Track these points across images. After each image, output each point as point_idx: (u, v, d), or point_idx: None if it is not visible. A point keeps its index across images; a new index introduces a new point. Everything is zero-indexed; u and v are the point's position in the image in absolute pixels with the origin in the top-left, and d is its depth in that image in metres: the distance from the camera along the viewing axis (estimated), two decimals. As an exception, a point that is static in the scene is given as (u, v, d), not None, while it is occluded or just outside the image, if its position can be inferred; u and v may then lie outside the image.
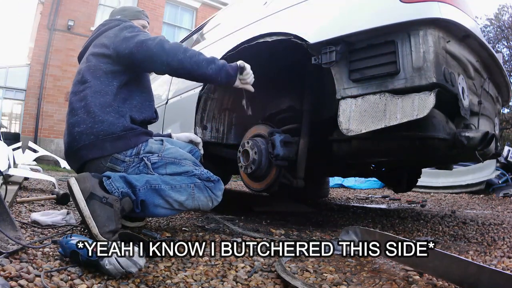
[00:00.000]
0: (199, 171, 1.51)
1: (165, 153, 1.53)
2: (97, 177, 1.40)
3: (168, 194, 1.42)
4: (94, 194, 1.31)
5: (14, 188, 2.68)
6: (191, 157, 1.59)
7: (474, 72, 1.83)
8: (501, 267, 1.33)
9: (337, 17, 1.77)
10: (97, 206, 1.29)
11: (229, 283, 1.08)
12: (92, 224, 1.26)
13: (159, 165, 1.50)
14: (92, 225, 1.25)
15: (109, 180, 1.38)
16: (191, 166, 1.52)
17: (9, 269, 0.97)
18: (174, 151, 1.56)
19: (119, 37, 1.59)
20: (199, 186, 1.48)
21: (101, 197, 1.32)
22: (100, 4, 10.64)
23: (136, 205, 1.40)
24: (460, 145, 1.58)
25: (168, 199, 1.43)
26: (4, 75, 9.79)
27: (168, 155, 1.53)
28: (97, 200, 1.31)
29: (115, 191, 1.36)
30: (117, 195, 1.36)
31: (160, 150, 1.53)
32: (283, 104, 2.43)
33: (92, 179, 1.36)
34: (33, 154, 5.12)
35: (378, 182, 6.08)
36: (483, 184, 5.63)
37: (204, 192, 1.49)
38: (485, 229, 2.26)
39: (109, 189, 1.36)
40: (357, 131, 1.60)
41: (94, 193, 1.31)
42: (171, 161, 1.51)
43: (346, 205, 3.83)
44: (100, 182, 1.37)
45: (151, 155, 1.51)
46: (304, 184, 2.10)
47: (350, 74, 1.66)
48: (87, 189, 1.31)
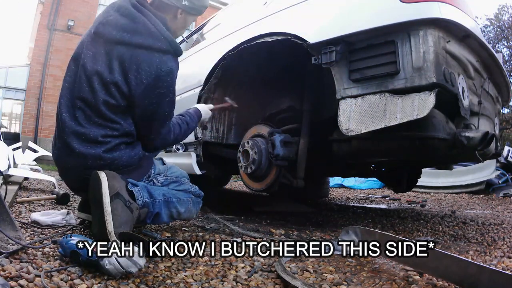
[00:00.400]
0: (193, 188, 1.67)
1: (169, 173, 1.65)
2: (124, 180, 1.40)
3: (175, 206, 1.53)
4: (120, 194, 1.31)
5: (14, 188, 2.68)
6: (186, 174, 1.73)
7: (474, 72, 1.83)
8: (501, 267, 1.33)
9: (337, 17, 1.77)
10: (120, 207, 1.29)
11: (229, 283, 1.08)
12: (110, 221, 1.23)
13: (165, 184, 1.60)
14: (109, 222, 1.23)
15: (137, 188, 1.42)
16: (188, 184, 1.67)
17: (9, 269, 0.97)
18: (175, 170, 1.69)
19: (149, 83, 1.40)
20: (193, 201, 1.64)
21: (126, 200, 1.32)
22: (100, 4, 10.65)
23: (150, 216, 1.46)
24: (460, 145, 1.58)
25: (173, 210, 1.53)
26: (4, 75, 9.80)
27: (171, 174, 1.65)
28: (122, 201, 1.30)
29: (139, 199, 1.40)
30: (140, 203, 1.40)
31: (165, 171, 1.65)
32: (283, 104, 2.43)
33: (121, 180, 1.36)
34: (33, 154, 5.12)
35: (378, 182, 6.08)
36: (483, 184, 5.63)
37: (195, 206, 1.66)
38: (485, 229, 2.26)
39: (136, 195, 1.39)
40: (357, 131, 1.60)
41: (120, 193, 1.31)
42: (174, 180, 1.63)
43: (346, 205, 3.83)
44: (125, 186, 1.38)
45: (159, 175, 1.61)
46: (304, 184, 2.10)
47: (350, 74, 1.66)
48: (115, 187, 1.30)
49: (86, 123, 1.40)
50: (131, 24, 1.41)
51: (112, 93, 1.39)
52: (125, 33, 1.40)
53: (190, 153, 2.42)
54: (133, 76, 1.39)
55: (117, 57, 1.40)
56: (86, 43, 1.47)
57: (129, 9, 1.44)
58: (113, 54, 1.40)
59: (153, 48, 1.41)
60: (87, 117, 1.41)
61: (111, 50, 1.41)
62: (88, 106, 1.41)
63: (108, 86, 1.39)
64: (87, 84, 1.41)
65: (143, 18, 1.42)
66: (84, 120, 1.41)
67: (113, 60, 1.40)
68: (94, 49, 1.44)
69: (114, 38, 1.40)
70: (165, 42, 1.43)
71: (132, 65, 1.39)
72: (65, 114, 1.42)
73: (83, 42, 1.49)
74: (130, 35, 1.40)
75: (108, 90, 1.39)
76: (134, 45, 1.40)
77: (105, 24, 1.43)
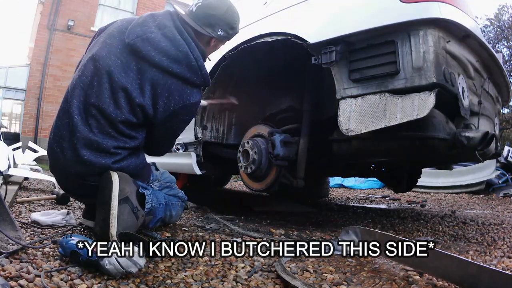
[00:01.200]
0: (180, 193, 1.72)
1: (162, 178, 1.68)
2: (136, 185, 1.40)
3: (169, 209, 1.59)
4: (129, 200, 1.30)
5: (14, 188, 2.68)
6: (175, 179, 1.78)
7: (474, 72, 1.83)
8: (501, 267, 1.33)
9: (337, 17, 1.77)
10: (127, 212, 1.28)
11: (229, 283, 1.08)
12: (114, 224, 1.22)
13: (159, 189, 1.62)
14: (113, 225, 1.22)
15: (148, 191, 1.45)
16: (176, 189, 1.72)
17: (9, 269, 0.97)
18: (167, 175, 1.73)
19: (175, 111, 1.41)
20: (181, 205, 1.71)
21: (134, 206, 1.32)
22: (100, 4, 10.64)
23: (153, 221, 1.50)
24: (460, 145, 1.58)
25: (167, 213, 1.58)
26: (4, 75, 9.79)
27: (164, 180, 1.69)
28: (129, 206, 1.30)
29: (149, 203, 1.43)
30: (149, 207, 1.43)
31: (159, 176, 1.68)
32: (283, 104, 2.43)
33: (133, 185, 1.36)
34: (33, 154, 5.11)
35: (378, 182, 6.08)
36: (483, 184, 5.63)
37: (181, 209, 1.73)
38: (485, 229, 2.26)
39: (147, 199, 1.42)
40: (357, 131, 1.61)
41: (130, 198, 1.30)
42: (166, 185, 1.66)
43: (346, 205, 3.83)
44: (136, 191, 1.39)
45: (155, 181, 1.63)
46: (304, 184, 2.10)
47: (350, 74, 1.66)
48: (125, 191, 1.29)
49: (98, 132, 1.36)
50: (174, 50, 1.38)
51: (137, 114, 1.38)
52: (165, 58, 1.37)
53: (190, 153, 2.42)
54: (162, 103, 1.39)
55: (150, 80, 1.37)
56: (115, 50, 1.39)
57: (173, 32, 1.40)
58: (147, 76, 1.37)
59: (188, 81, 1.42)
60: (101, 126, 1.36)
61: (145, 71, 1.37)
62: (104, 118, 1.36)
63: (135, 107, 1.37)
64: (111, 97, 1.35)
65: (187, 48, 1.40)
66: (97, 128, 1.36)
67: (145, 82, 1.37)
68: (124, 60, 1.38)
69: (152, 59, 1.36)
70: (200, 78, 1.44)
71: (164, 92, 1.38)
72: (77, 118, 1.35)
73: (111, 45, 1.41)
74: (169, 62, 1.37)
75: (134, 110, 1.37)
76: (170, 73, 1.38)
77: (144, 40, 1.37)
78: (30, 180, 3.83)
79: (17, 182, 3.11)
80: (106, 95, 1.35)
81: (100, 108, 1.35)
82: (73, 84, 1.41)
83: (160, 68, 1.37)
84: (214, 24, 1.50)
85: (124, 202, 1.27)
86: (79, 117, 1.36)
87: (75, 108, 1.36)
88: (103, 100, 1.35)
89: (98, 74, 1.37)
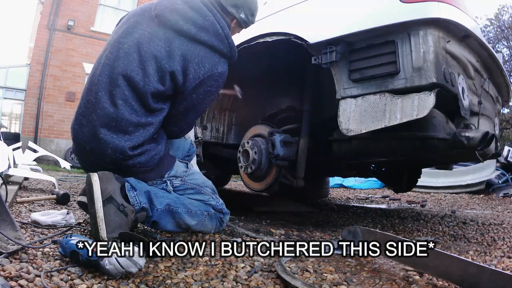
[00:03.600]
0: (215, 201, 1.54)
1: (188, 178, 1.54)
2: (120, 181, 1.34)
3: (181, 217, 1.45)
4: (113, 198, 1.27)
5: (14, 188, 2.68)
6: (212, 185, 1.60)
7: (474, 72, 1.83)
8: (501, 267, 1.33)
9: (337, 17, 1.77)
10: (113, 211, 1.26)
11: (229, 283, 1.08)
12: (102, 227, 1.21)
13: (180, 189, 1.51)
14: (102, 228, 1.21)
15: (134, 193, 1.35)
16: (210, 194, 1.55)
17: (9, 269, 0.96)
18: (198, 177, 1.58)
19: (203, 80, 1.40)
20: (211, 215, 1.52)
21: (120, 204, 1.28)
22: (100, 4, 10.63)
23: (148, 221, 1.42)
24: (460, 145, 1.58)
25: (180, 221, 1.45)
26: (4, 75, 9.79)
27: (191, 180, 1.54)
28: (115, 205, 1.27)
29: (136, 205, 1.33)
30: (137, 208, 1.34)
31: (184, 175, 1.54)
32: (283, 104, 2.43)
33: (115, 182, 1.31)
34: (33, 154, 5.11)
35: (378, 182, 6.08)
36: (483, 184, 5.64)
37: (213, 221, 1.54)
38: (485, 229, 2.26)
39: (132, 201, 1.33)
40: (357, 131, 1.61)
41: (113, 197, 1.27)
42: (191, 187, 1.53)
43: (346, 205, 3.83)
44: (121, 188, 1.33)
45: (175, 178, 1.51)
46: (304, 184, 2.10)
47: (350, 74, 1.66)
48: (107, 191, 1.27)
49: (122, 103, 1.33)
50: (201, 20, 1.40)
51: (165, 82, 1.37)
52: (193, 27, 1.39)
53: (190, 153, 2.42)
54: (192, 69, 1.38)
55: (179, 48, 1.38)
56: (141, 24, 1.41)
57: (199, 4, 1.44)
58: (175, 44, 1.38)
59: (215, 49, 1.43)
60: (125, 97, 1.34)
61: (173, 39, 1.38)
62: (131, 88, 1.34)
63: (165, 74, 1.36)
64: (139, 66, 1.35)
65: (213, 17, 1.43)
66: (121, 99, 1.34)
67: (174, 49, 1.37)
68: (152, 31, 1.39)
69: (180, 28, 1.38)
70: (227, 46, 1.45)
71: (194, 58, 1.39)
72: (100, 94, 1.34)
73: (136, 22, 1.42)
74: (197, 30, 1.39)
75: (163, 78, 1.36)
76: (198, 41, 1.40)
77: (172, 11, 1.40)
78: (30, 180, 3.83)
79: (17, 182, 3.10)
80: (135, 64, 1.35)
81: (127, 76, 1.34)
82: (98, 62, 1.42)
83: (188, 37, 1.39)
84: (239, 6, 1.56)
85: (108, 202, 1.25)
86: (103, 93, 1.35)
87: (101, 85, 1.36)
88: (132, 68, 1.35)
89: (124, 47, 1.38)
